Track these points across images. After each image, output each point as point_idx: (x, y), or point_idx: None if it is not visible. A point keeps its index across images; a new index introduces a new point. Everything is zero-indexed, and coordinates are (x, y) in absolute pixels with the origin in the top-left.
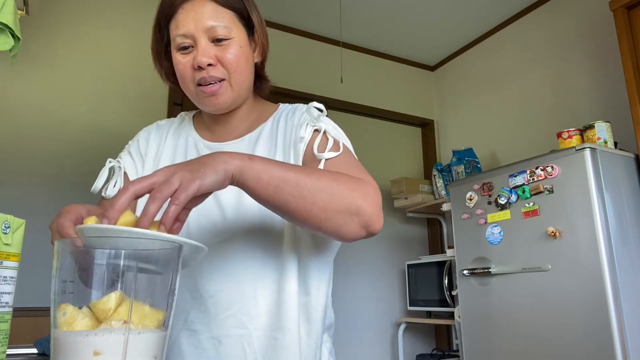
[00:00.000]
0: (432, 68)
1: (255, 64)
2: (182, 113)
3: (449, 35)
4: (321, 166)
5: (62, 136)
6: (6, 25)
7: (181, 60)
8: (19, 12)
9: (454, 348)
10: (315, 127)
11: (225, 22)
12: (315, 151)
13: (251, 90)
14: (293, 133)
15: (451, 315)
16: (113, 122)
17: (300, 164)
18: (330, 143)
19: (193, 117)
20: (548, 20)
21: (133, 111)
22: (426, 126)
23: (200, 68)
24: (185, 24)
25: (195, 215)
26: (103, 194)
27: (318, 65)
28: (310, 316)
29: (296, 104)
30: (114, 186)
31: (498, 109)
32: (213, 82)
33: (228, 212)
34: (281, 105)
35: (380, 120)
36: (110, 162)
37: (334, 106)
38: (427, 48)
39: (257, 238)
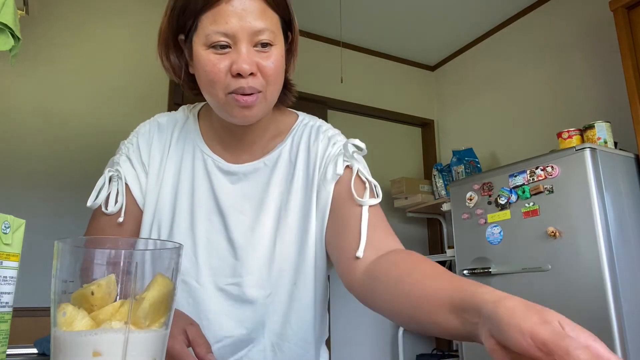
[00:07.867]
0: (432, 68)
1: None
2: (185, 108)
3: (449, 35)
4: (365, 212)
5: (62, 136)
6: (6, 25)
7: (215, 62)
8: (19, 12)
9: (454, 348)
10: (347, 164)
11: (272, 25)
12: (355, 194)
13: None
14: (317, 166)
15: None
16: (113, 121)
17: (323, 202)
18: (367, 187)
19: (198, 115)
20: (548, 20)
21: (133, 110)
22: (426, 126)
23: (239, 75)
24: (228, 20)
25: (206, 254)
26: (104, 209)
27: (318, 65)
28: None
29: (318, 122)
30: (115, 203)
31: (498, 109)
32: (251, 93)
33: (241, 253)
34: (300, 116)
35: (380, 120)
36: (109, 171)
37: (334, 106)
38: (427, 48)
39: (269, 279)
